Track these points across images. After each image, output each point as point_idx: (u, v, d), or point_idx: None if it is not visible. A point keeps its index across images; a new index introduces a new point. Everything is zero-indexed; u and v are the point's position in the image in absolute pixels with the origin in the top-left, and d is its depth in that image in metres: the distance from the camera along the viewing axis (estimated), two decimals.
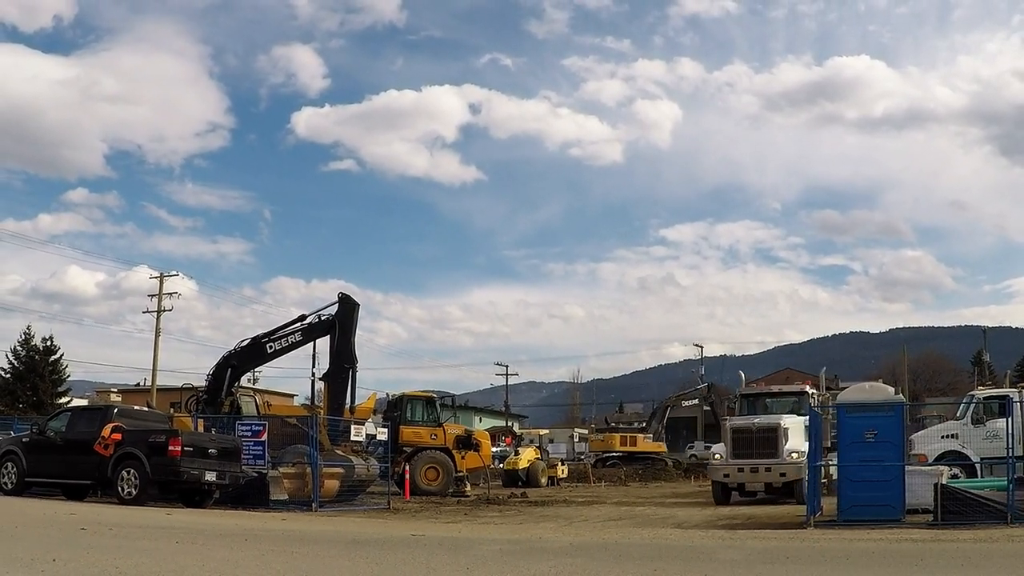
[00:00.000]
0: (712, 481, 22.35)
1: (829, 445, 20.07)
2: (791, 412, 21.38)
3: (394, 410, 28.50)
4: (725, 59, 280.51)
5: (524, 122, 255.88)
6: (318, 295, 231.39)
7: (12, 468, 18.64)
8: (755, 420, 21.22)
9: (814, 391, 22.70)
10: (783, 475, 20.05)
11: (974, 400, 19.71)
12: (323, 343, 24.33)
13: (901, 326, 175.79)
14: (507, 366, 79.15)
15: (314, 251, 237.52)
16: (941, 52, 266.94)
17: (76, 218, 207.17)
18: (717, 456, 21.49)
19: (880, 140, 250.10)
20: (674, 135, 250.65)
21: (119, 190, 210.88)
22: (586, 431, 62.49)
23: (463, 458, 27.96)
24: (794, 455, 19.82)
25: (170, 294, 48.51)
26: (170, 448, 17.16)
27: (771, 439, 20.31)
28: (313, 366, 32.89)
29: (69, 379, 50.93)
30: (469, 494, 26.10)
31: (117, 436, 17.55)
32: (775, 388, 23.82)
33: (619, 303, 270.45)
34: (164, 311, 48.00)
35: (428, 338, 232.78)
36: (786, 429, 20.37)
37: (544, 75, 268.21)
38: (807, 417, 20.08)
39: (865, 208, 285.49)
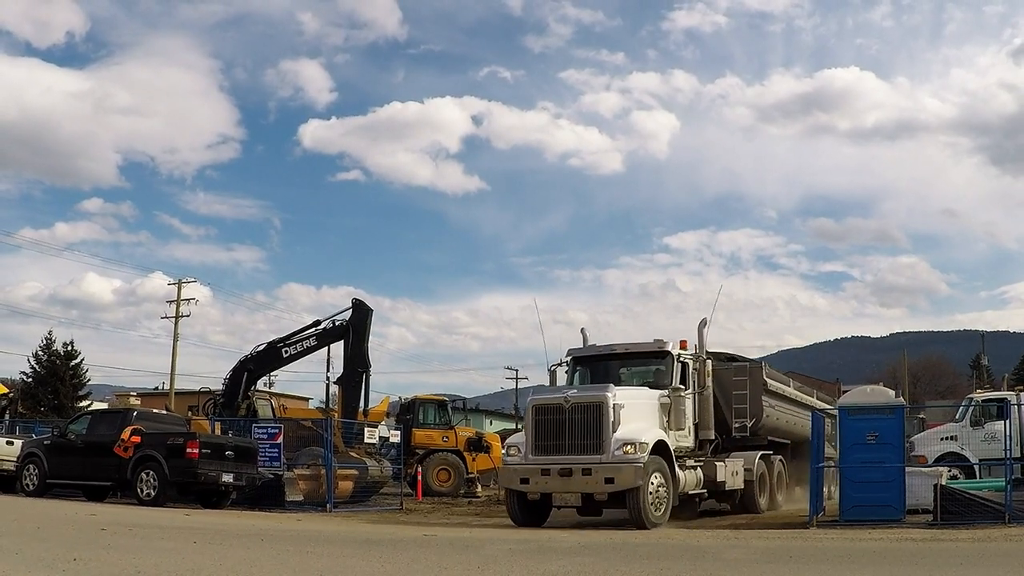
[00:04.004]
0: (505, 490, 15.19)
1: (715, 438, 16.41)
2: (650, 383, 15.43)
3: (406, 413, 28.74)
4: (718, 72, 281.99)
5: (525, 132, 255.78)
6: (328, 301, 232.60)
7: (34, 470, 19.02)
8: (568, 393, 14.34)
9: (681, 352, 15.73)
10: (610, 481, 13.48)
11: (973, 403, 19.68)
12: (337, 348, 24.62)
13: (901, 331, 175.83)
14: (516, 370, 79.34)
15: (324, 258, 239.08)
16: (934, 65, 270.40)
17: (92, 227, 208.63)
18: (513, 451, 14.67)
19: (874, 150, 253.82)
20: (672, 145, 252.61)
21: (133, 200, 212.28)
22: None
23: (474, 460, 28.17)
24: (628, 448, 13.44)
25: (187, 300, 49.06)
26: (188, 450, 17.45)
27: (592, 423, 13.73)
28: (327, 370, 33.32)
29: (89, 383, 51.49)
30: (480, 495, 26.28)
31: (136, 439, 17.86)
32: (621, 347, 16.26)
33: (623, 308, 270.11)
34: (182, 316, 48.56)
35: (437, 343, 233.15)
36: (619, 407, 13.77)
37: (544, 87, 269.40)
38: (664, 392, 14.99)
39: (860, 216, 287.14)
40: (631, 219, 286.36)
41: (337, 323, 23.94)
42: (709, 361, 16.34)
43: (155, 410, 23.76)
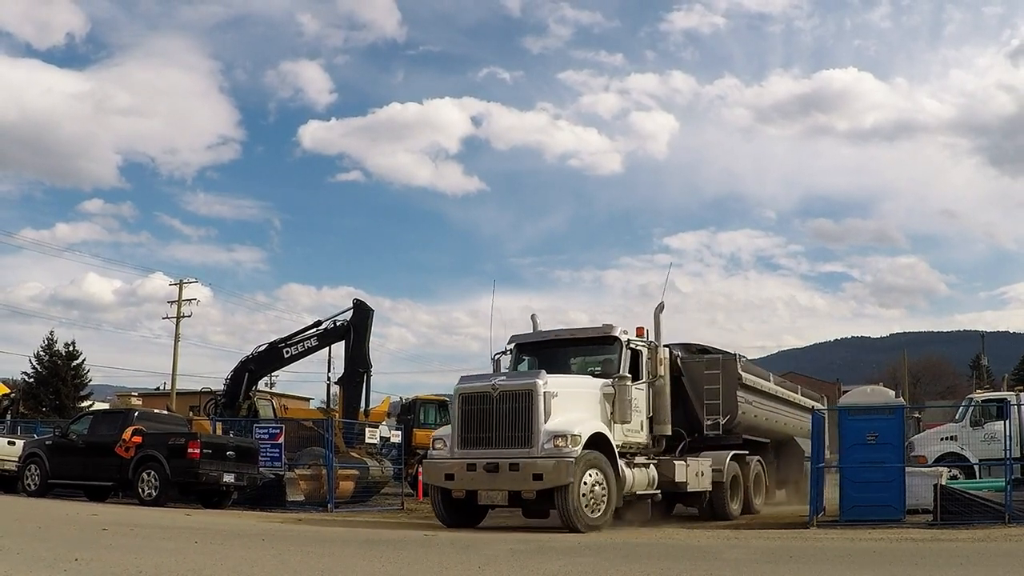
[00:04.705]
0: (430, 487, 14.07)
1: (671, 434, 15.22)
2: (600, 373, 14.23)
3: (407, 413, 28.84)
4: (716, 73, 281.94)
5: (525, 133, 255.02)
6: (328, 301, 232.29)
7: (36, 470, 19.08)
8: (496, 380, 13.25)
9: (632, 338, 14.49)
10: (538, 477, 12.34)
11: (972, 403, 19.68)
12: (338, 348, 24.62)
13: (900, 331, 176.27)
14: None
15: (324, 259, 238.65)
16: (933, 66, 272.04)
17: (93, 227, 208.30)
18: (439, 445, 13.58)
19: (873, 151, 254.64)
20: (671, 146, 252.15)
21: (134, 200, 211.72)
22: None
23: None
24: (558, 442, 12.30)
25: (188, 300, 49.15)
26: (189, 450, 17.49)
27: (522, 413, 12.61)
28: (328, 370, 33.34)
29: (90, 383, 51.61)
30: None
31: (138, 439, 17.90)
32: (566, 332, 15.15)
33: (623, 308, 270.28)
34: (183, 317, 48.63)
35: (437, 343, 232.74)
36: (551, 396, 12.67)
37: (544, 87, 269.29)
38: (608, 381, 13.78)
39: (859, 216, 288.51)
40: (631, 219, 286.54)
41: (338, 323, 23.97)
42: (664, 349, 15.05)
43: (156, 410, 23.85)
